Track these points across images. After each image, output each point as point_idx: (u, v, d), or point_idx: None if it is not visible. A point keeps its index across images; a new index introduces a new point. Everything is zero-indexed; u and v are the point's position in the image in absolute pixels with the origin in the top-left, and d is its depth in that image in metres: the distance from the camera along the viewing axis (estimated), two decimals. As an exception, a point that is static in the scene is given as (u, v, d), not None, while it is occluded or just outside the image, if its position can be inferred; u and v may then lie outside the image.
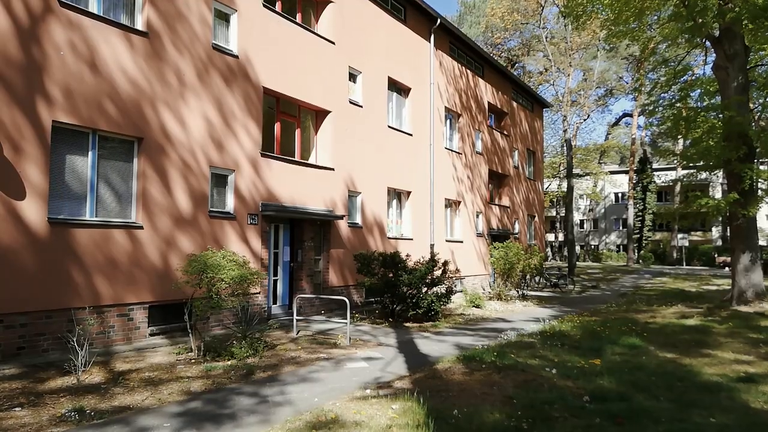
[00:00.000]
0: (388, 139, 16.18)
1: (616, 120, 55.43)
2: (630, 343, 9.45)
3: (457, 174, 20.18)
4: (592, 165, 47.46)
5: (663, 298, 18.76)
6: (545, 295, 20.82)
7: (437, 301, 12.58)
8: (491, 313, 14.77)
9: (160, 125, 9.68)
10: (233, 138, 11.07)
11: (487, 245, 22.13)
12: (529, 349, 8.93)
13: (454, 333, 11.21)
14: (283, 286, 12.57)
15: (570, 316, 13.90)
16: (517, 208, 25.79)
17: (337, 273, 13.79)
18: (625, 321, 12.58)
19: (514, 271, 18.93)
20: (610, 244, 62.49)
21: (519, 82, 26.12)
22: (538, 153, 29.44)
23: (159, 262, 9.52)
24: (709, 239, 55.89)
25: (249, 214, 11.31)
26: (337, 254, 13.83)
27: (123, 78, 9.12)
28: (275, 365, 7.88)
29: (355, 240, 14.52)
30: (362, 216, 14.91)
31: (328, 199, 13.57)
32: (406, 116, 17.52)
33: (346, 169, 14.25)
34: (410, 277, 12.27)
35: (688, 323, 12.35)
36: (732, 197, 13.93)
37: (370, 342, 9.95)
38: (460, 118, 20.62)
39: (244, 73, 11.39)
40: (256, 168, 11.56)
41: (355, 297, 14.48)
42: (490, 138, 23.10)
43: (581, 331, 10.91)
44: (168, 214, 9.72)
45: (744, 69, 15.28)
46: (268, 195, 11.80)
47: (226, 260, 8.28)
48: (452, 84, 20.00)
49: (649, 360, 8.24)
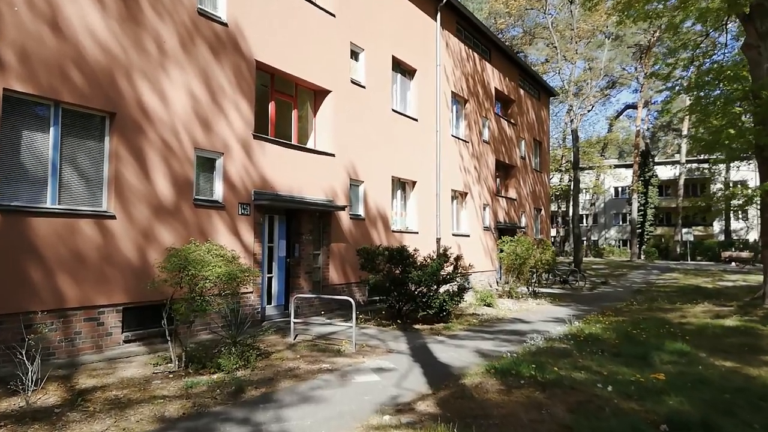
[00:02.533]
0: (393, 124, 14.91)
1: (618, 112, 54.29)
2: (677, 349, 8.24)
3: (464, 164, 18.93)
4: (595, 158, 46.31)
5: (683, 296, 17.61)
6: (556, 292, 19.64)
7: (450, 300, 11.34)
8: (506, 313, 13.56)
9: (136, 99, 8.37)
10: (222, 117, 9.77)
11: (495, 239, 20.92)
12: (565, 357, 7.70)
13: (470, 336, 9.98)
14: (279, 285, 11.29)
15: (592, 316, 12.71)
16: (524, 201, 24.58)
17: (338, 269, 12.53)
18: (656, 321, 11.40)
19: (525, 267, 17.75)
20: (610, 239, 61.52)
21: (526, 68, 24.87)
22: (545, 143, 28.23)
23: (135, 257, 8.23)
24: (710, 234, 54.99)
25: (240, 204, 10.02)
26: (338, 249, 12.57)
27: (92, 42, 7.79)
28: (270, 379, 6.62)
29: (358, 233, 13.26)
30: (365, 207, 13.64)
31: (328, 188, 12.29)
32: (411, 100, 16.24)
33: (347, 156, 12.97)
34: (420, 274, 11.03)
35: (727, 324, 11.18)
36: (766, 185, 12.75)
37: (378, 348, 8.71)
38: (467, 104, 19.35)
39: (234, 44, 10.07)
40: (248, 151, 10.26)
41: (358, 296, 13.23)
42: (497, 126, 21.86)
43: (615, 335, 9.70)
44: (146, 202, 8.42)
45: (778, 48, 14.07)
46: (262, 182, 10.51)
47: (212, 255, 7.00)
48: (459, 67, 18.72)
49: (709, 371, 7.04)
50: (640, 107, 44.14)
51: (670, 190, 58.36)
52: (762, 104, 13.00)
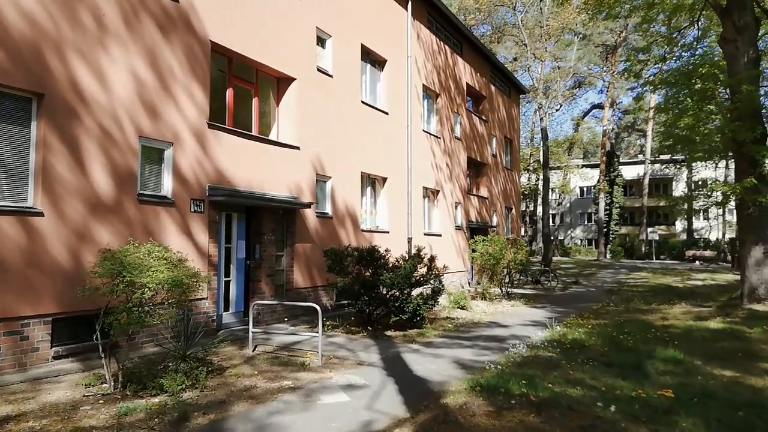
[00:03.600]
0: (362, 117, 14.05)
1: (585, 112, 54.70)
2: (669, 357, 7.65)
3: (436, 160, 18.22)
4: (563, 158, 46.43)
5: (657, 296, 17.33)
6: (529, 292, 19.13)
7: (424, 304, 10.56)
8: (481, 317, 12.87)
9: (69, 79, 7.29)
10: (172, 103, 8.74)
11: (467, 239, 20.29)
12: (555, 369, 7.00)
13: (447, 344, 9.21)
14: (237, 289, 10.30)
15: (571, 319, 12.14)
16: (495, 200, 24.07)
17: (303, 272, 11.60)
18: (638, 325, 10.87)
19: (499, 267, 17.17)
20: (576, 239, 62.09)
21: (497, 64, 24.35)
22: (515, 141, 27.83)
23: (67, 260, 7.15)
24: (673, 233, 56.00)
25: (192, 200, 9.00)
26: (304, 249, 11.64)
27: (13, 11, 6.69)
28: (221, 402, 5.68)
29: (325, 232, 12.35)
30: (332, 205, 12.74)
31: (293, 183, 11.35)
32: (382, 92, 15.41)
33: (313, 149, 12.05)
34: (392, 276, 10.21)
35: (712, 326, 10.74)
36: (749, 182, 12.42)
37: (347, 360, 7.84)
38: (439, 98, 18.65)
39: (186, 22, 9.05)
40: (202, 142, 9.25)
41: (325, 300, 12.32)
42: (469, 123, 21.24)
43: (601, 340, 9.09)
44: (81, 198, 7.35)
45: (755, 42, 13.84)
46: (218, 176, 9.51)
47: (154, 257, 6.02)
48: (430, 60, 18.00)
49: (710, 382, 6.44)
50: (607, 107, 44.46)
51: (634, 189, 59.28)
52: (742, 99, 12.67)
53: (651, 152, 48.63)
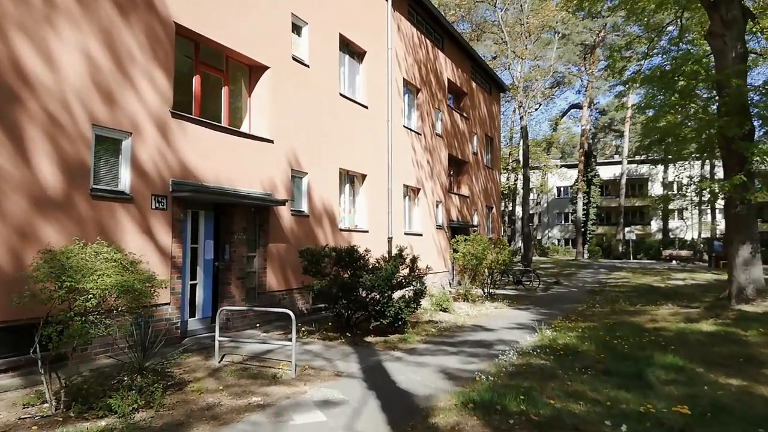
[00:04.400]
0: (340, 111, 13.36)
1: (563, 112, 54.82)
2: (670, 364, 7.17)
3: (417, 157, 17.62)
4: (542, 157, 46.35)
5: (641, 296, 17.00)
6: (511, 293, 18.67)
7: (406, 308, 9.93)
8: (465, 320, 12.30)
9: (11, 59, 6.47)
10: (130, 89, 7.94)
11: (448, 239, 19.75)
12: (551, 379, 6.43)
13: (431, 351, 8.60)
14: (205, 293, 9.52)
15: (558, 322, 11.64)
16: (476, 199, 23.60)
17: (277, 274, 10.87)
18: (629, 328, 10.42)
19: (481, 268, 16.65)
20: (553, 239, 62.30)
21: (479, 60, 23.88)
22: (496, 140, 27.42)
23: (7, 262, 6.34)
24: (648, 233, 56.53)
25: (154, 196, 8.22)
26: (278, 250, 10.91)
27: (-60, -22, 5.86)
28: (178, 425, 4.95)
29: (301, 232, 11.64)
30: (309, 202, 12.04)
31: (266, 179, 10.62)
32: (361, 85, 14.74)
33: (288, 143, 11.32)
34: (373, 278, 9.56)
35: (704, 329, 10.35)
36: (738, 179, 12.09)
37: (324, 371, 7.16)
38: (420, 93, 18.06)
39: (147, 1, 8.26)
40: (165, 132, 8.47)
41: (301, 304, 11.60)
42: (450, 120, 20.70)
43: (594, 345, 8.58)
44: (23, 192, 6.53)
45: (742, 37, 13.57)
46: (183, 171, 8.73)
47: (102, 259, 5.26)
48: (411, 54, 17.40)
49: (718, 392, 5.94)
50: (585, 107, 44.50)
51: (610, 189, 59.72)
52: (731, 94, 12.35)
53: (628, 152, 48.93)
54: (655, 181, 59.26)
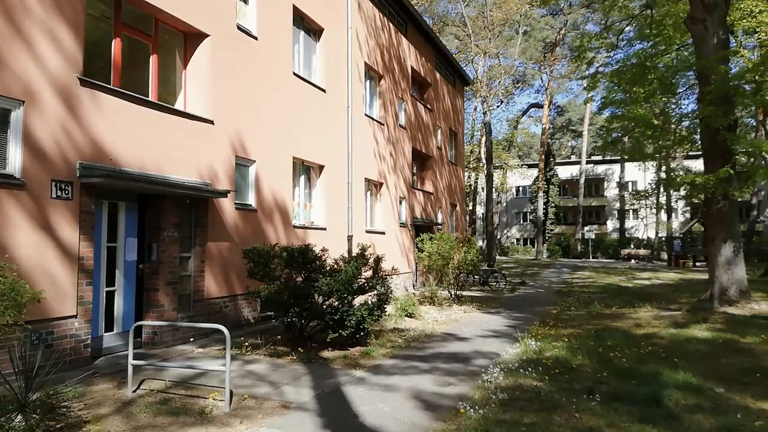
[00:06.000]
0: (295, 93, 11.86)
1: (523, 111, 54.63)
2: (684, 383, 6.06)
3: (379, 149, 16.27)
4: (503, 155, 45.83)
5: (612, 298, 16.17)
6: (478, 295, 17.59)
7: (369, 316, 8.55)
8: (434, 326, 11.03)
9: None
10: (24, 47, 6.26)
11: (411, 237, 18.49)
12: (553, 409, 5.17)
13: (400, 368, 7.26)
14: (126, 302, 7.88)
15: (537, 328, 10.53)
16: (440, 195, 22.45)
17: (218, 277, 9.29)
18: (617, 335, 9.37)
19: (449, 268, 15.45)
20: (512, 238, 62.24)
21: (443, 50, 22.74)
22: (460, 135, 26.39)
23: None
24: (604, 232, 57.06)
25: (55, 182, 6.55)
26: (219, 249, 9.33)
27: None
28: (47, 503, 3.42)
29: (247, 228, 10.09)
30: (257, 195, 10.49)
31: (205, 166, 9.03)
32: (318, 66, 13.27)
33: (232, 126, 9.76)
34: (331, 282, 8.15)
35: (698, 335, 9.41)
36: (725, 172, 11.27)
37: (268, 401, 5.69)
38: (382, 80, 16.72)
39: (46, -62, 6.59)
40: (72, 104, 6.80)
41: (247, 312, 10.05)
42: (414, 111, 19.45)
43: (587, 359, 7.43)
44: None
45: (724, 22, 12.83)
46: (95, 152, 7.08)
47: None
48: (373, 36, 16.03)
49: (755, 421, 4.83)
50: (547, 105, 44.23)
51: (567, 189, 60.09)
52: (717, 81, 11.52)
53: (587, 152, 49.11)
54: (611, 180, 60.09)
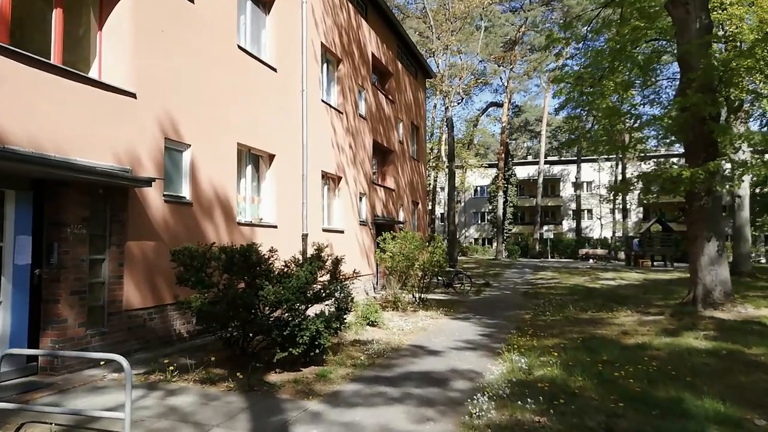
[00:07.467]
0: (240, 69, 10.32)
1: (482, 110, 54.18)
2: (715, 413, 4.95)
3: (337, 140, 14.86)
4: (463, 153, 45.15)
5: (583, 300, 15.30)
6: (443, 298, 16.43)
7: (326, 329, 7.14)
8: (400, 337, 9.71)
9: None
10: None
11: (372, 237, 17.16)
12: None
13: (364, 396, 5.88)
14: (17, 317, 6.19)
15: (514, 337, 9.39)
16: (402, 193, 21.21)
17: (141, 284, 7.66)
18: (607, 346, 8.31)
19: (413, 270, 14.20)
20: (470, 238, 61.91)
21: (405, 38, 21.50)
22: (422, 129, 25.24)
23: None
24: (560, 232, 57.42)
25: None
26: (143, 250, 7.71)
27: None
28: None
29: (180, 225, 8.49)
30: (193, 185, 8.90)
31: (124, 149, 7.39)
32: (268, 42, 11.74)
33: (161, 101, 8.15)
34: (279, 290, 6.70)
35: (695, 345, 8.45)
36: (715, 165, 10.45)
37: (190, 454, 4.22)
38: (341, 65, 15.31)
39: None
40: (-71, 57, 5.11)
41: (179, 325, 8.45)
42: (375, 101, 18.12)
43: (588, 380, 6.26)
44: None
45: (706, 7, 12.09)
46: (-33, 122, 5.40)
47: None
48: (330, 15, 14.60)
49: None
50: (506, 103, 43.80)
51: (524, 189, 60.26)
52: (704, 66, 10.69)
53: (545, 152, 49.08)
54: (567, 181, 60.68)
